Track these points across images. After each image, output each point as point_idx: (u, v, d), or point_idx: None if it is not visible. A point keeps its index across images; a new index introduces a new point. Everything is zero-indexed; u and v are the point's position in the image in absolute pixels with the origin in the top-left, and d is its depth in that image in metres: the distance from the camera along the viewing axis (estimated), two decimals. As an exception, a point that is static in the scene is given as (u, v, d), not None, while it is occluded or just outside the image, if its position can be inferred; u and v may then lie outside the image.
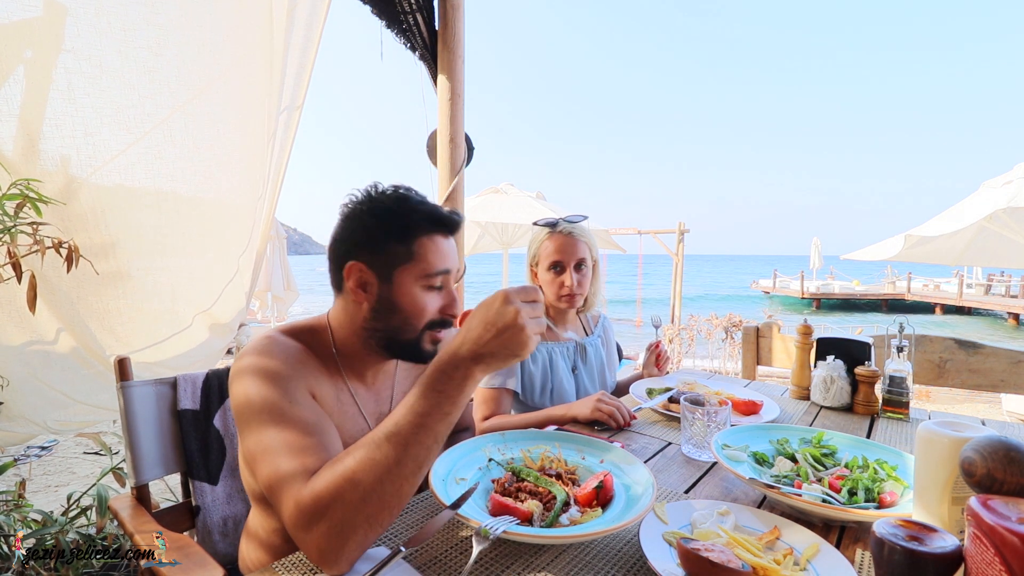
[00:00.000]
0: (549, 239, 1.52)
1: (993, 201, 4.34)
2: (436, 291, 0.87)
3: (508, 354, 0.66)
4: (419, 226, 0.84)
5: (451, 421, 0.68)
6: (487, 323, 0.66)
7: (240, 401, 0.77)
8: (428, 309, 0.85)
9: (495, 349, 0.65)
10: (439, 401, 0.66)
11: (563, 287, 1.49)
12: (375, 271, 0.84)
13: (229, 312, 2.12)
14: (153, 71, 1.59)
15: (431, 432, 0.66)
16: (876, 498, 0.85)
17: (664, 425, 1.33)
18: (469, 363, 0.66)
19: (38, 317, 1.57)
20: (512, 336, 0.65)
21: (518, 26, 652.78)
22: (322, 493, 0.64)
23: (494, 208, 5.74)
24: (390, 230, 0.83)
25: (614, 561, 0.72)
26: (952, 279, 20.94)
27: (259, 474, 0.72)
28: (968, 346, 1.79)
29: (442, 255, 0.86)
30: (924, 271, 26.45)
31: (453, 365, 0.67)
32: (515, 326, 0.64)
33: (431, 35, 2.32)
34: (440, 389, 0.66)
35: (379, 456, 0.64)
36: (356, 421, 0.89)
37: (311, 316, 0.94)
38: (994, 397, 5.52)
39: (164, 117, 1.64)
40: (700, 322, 6.86)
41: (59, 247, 1.32)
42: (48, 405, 1.72)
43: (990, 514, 0.50)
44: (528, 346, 0.66)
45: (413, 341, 0.86)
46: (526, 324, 0.65)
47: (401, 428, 0.66)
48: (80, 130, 1.48)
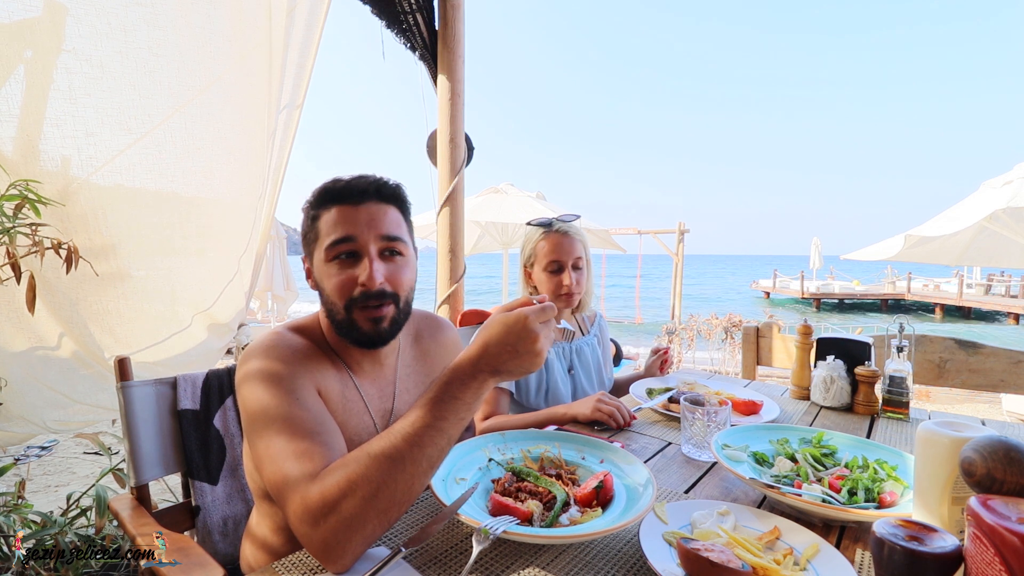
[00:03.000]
0: (545, 239, 1.51)
1: (993, 201, 4.34)
2: (346, 263, 0.83)
3: (524, 370, 0.70)
4: (319, 205, 0.86)
5: (463, 424, 0.70)
6: (508, 345, 0.69)
7: (247, 398, 0.77)
8: (336, 282, 0.82)
9: (513, 367, 0.70)
10: (455, 407, 0.69)
11: (562, 286, 1.49)
12: (309, 261, 0.89)
13: (229, 312, 2.12)
14: (154, 71, 1.59)
15: (445, 434, 0.68)
16: (876, 498, 0.85)
17: (664, 425, 1.33)
18: (487, 375, 0.70)
19: (37, 318, 1.57)
20: (530, 357, 0.69)
21: (518, 25, 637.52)
22: (333, 487, 0.65)
23: (494, 208, 5.74)
24: (308, 219, 0.87)
25: (614, 561, 0.72)
26: (952, 279, 20.94)
27: (264, 471, 0.73)
28: (968, 346, 1.79)
29: (337, 223, 0.82)
30: (924, 271, 26.46)
31: (471, 375, 0.70)
32: (534, 348, 0.69)
33: (431, 35, 2.32)
34: (456, 395, 0.69)
35: (394, 453, 0.66)
36: (361, 416, 0.89)
37: (311, 314, 0.95)
38: (994, 397, 5.52)
39: (165, 116, 1.64)
40: (700, 322, 6.86)
41: (58, 248, 1.32)
42: (47, 405, 1.71)
43: (990, 514, 0.50)
44: (541, 362, 0.70)
45: (345, 321, 0.84)
46: (544, 348, 0.70)
47: (417, 428, 0.67)
48: (81, 130, 1.48)
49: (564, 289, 1.49)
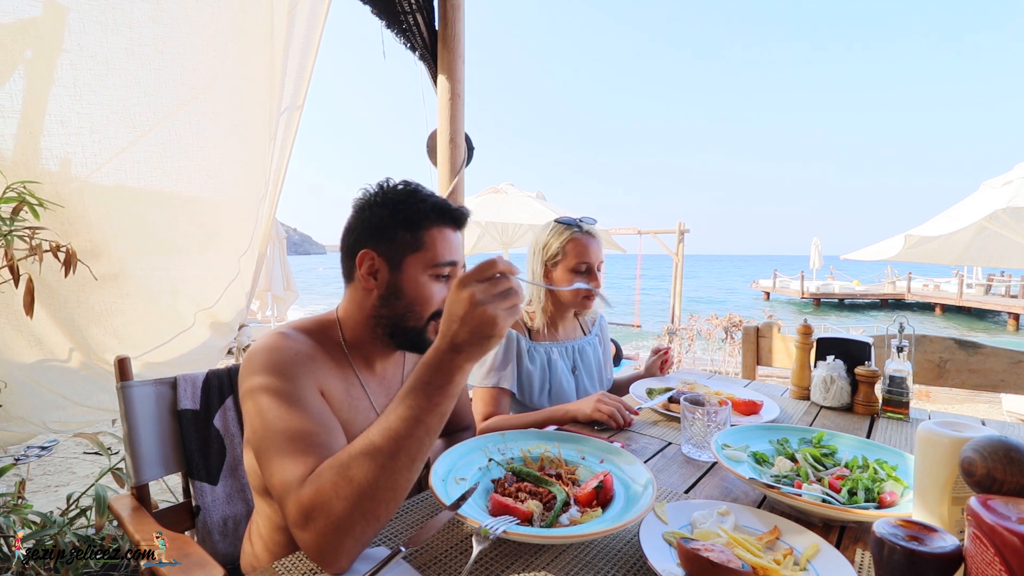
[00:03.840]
0: (574, 239, 1.50)
1: (993, 201, 4.34)
2: (442, 282, 0.89)
3: (481, 337, 0.65)
4: (427, 217, 0.87)
5: (443, 413, 0.68)
6: (451, 314, 0.66)
7: (249, 398, 0.77)
8: (434, 298, 0.88)
9: (466, 336, 0.65)
10: (429, 393, 0.67)
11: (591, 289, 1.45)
12: (385, 258, 0.87)
13: (230, 311, 2.12)
14: (157, 69, 1.59)
15: (423, 424, 0.66)
16: (876, 498, 0.85)
17: (664, 425, 1.33)
18: (449, 353, 0.66)
19: (38, 322, 1.57)
20: (475, 320, 0.64)
21: (519, 25, 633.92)
22: (318, 490, 0.65)
23: (494, 208, 5.74)
24: (400, 219, 0.86)
25: (614, 561, 0.72)
26: (952, 279, 20.93)
27: (265, 473, 0.73)
28: (968, 346, 1.79)
29: (449, 246, 0.89)
30: (924, 271, 26.44)
31: (437, 358, 0.67)
32: (474, 310, 0.64)
33: (431, 35, 2.32)
34: (428, 381, 0.67)
35: (372, 450, 0.65)
36: (367, 414, 0.89)
37: (319, 314, 0.95)
38: (994, 397, 5.52)
39: (169, 113, 1.64)
40: (700, 322, 6.86)
41: (56, 251, 1.31)
42: (47, 407, 1.72)
43: (990, 514, 0.50)
44: (497, 324, 0.64)
45: (418, 330, 0.88)
46: (485, 304, 0.64)
47: (393, 422, 0.66)
48: (86, 127, 1.47)
49: (592, 293, 1.50)
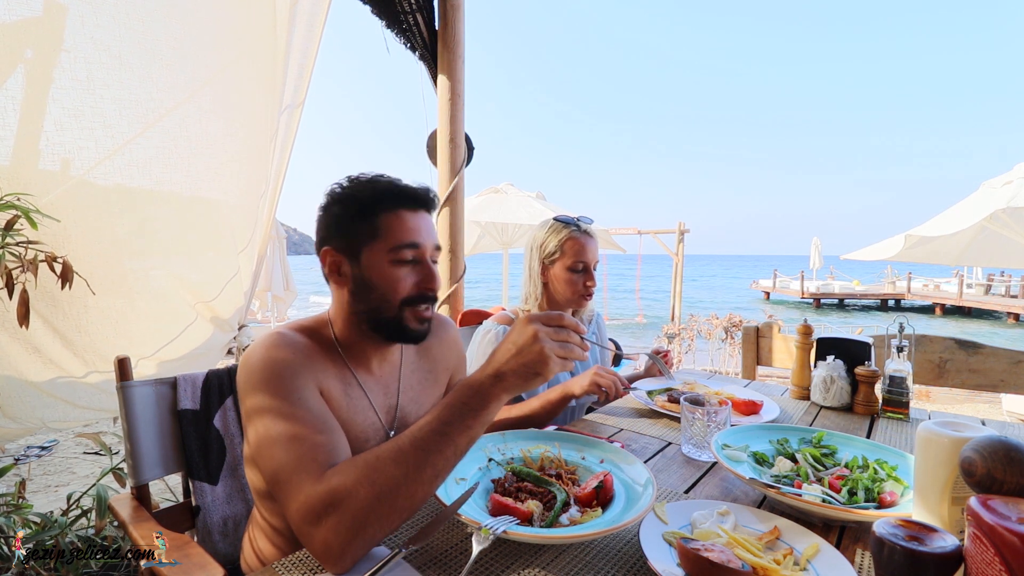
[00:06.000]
0: (573, 238, 1.53)
1: (993, 201, 4.34)
2: (409, 266, 0.87)
3: (529, 371, 0.68)
4: (380, 203, 0.86)
5: (472, 436, 0.69)
6: (510, 342, 0.69)
7: (248, 397, 0.77)
8: (401, 284, 0.86)
9: (515, 367, 0.68)
10: (463, 413, 0.68)
11: (588, 287, 1.55)
12: (344, 254, 0.87)
13: (229, 308, 2.12)
14: (169, 66, 1.60)
15: (452, 442, 0.68)
16: (876, 498, 0.85)
17: (664, 425, 1.33)
18: (492, 379, 0.69)
19: (38, 331, 1.56)
20: (531, 354, 0.67)
21: (518, 25, 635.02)
22: (337, 488, 0.65)
23: (494, 208, 5.74)
24: (353, 211, 0.86)
25: (614, 561, 0.72)
26: (952, 279, 20.93)
27: (265, 469, 0.73)
28: (968, 346, 1.79)
29: (407, 229, 0.86)
30: (924, 271, 26.43)
31: (479, 381, 0.69)
32: (534, 346, 0.67)
33: (431, 35, 2.32)
34: (465, 402, 0.69)
35: (400, 458, 0.66)
36: (366, 413, 0.89)
37: (315, 315, 0.95)
38: (994, 397, 5.52)
39: (169, 108, 1.64)
40: (700, 322, 6.86)
41: (52, 262, 1.29)
42: (47, 408, 1.71)
43: (990, 514, 0.50)
44: (548, 365, 0.68)
45: (394, 318, 0.88)
46: (544, 343, 0.67)
47: (425, 434, 0.68)
48: (87, 125, 1.47)
49: (588, 290, 1.55)
